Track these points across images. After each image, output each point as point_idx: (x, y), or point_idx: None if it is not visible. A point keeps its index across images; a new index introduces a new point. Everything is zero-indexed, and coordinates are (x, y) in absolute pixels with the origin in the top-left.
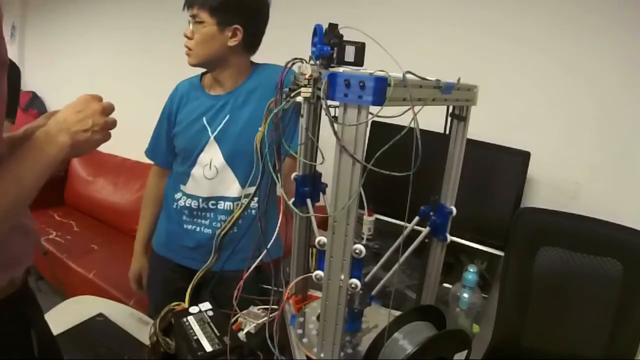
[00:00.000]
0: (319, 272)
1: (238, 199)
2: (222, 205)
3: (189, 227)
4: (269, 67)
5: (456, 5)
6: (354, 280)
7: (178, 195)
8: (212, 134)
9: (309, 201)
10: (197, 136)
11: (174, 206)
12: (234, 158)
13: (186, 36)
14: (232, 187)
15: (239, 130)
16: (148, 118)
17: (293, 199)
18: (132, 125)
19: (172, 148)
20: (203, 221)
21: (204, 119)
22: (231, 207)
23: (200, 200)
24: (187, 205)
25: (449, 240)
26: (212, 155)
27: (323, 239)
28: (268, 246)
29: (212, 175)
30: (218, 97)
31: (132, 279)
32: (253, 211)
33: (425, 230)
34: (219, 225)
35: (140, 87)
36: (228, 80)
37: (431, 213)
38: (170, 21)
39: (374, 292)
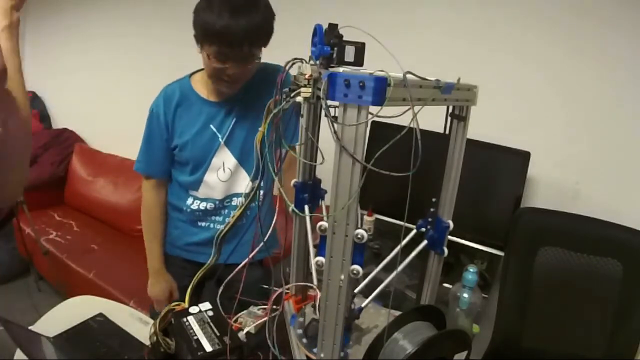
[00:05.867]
0: (320, 258)
1: (249, 194)
2: (235, 201)
3: (203, 224)
4: (270, 66)
5: (457, 5)
6: (356, 267)
7: (190, 201)
8: (222, 139)
9: (307, 208)
10: (209, 144)
11: (186, 210)
12: (245, 156)
13: (233, 75)
14: (244, 183)
15: (247, 130)
16: None
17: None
18: (132, 126)
19: (170, 157)
20: (217, 218)
21: (212, 125)
22: (243, 202)
23: (217, 202)
24: (202, 208)
25: (446, 254)
26: (223, 159)
27: (325, 224)
28: (265, 233)
29: (226, 177)
30: (222, 103)
31: (161, 299)
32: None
33: (422, 244)
34: None
35: (140, 88)
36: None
37: (428, 226)
38: (171, 22)
39: (368, 301)
